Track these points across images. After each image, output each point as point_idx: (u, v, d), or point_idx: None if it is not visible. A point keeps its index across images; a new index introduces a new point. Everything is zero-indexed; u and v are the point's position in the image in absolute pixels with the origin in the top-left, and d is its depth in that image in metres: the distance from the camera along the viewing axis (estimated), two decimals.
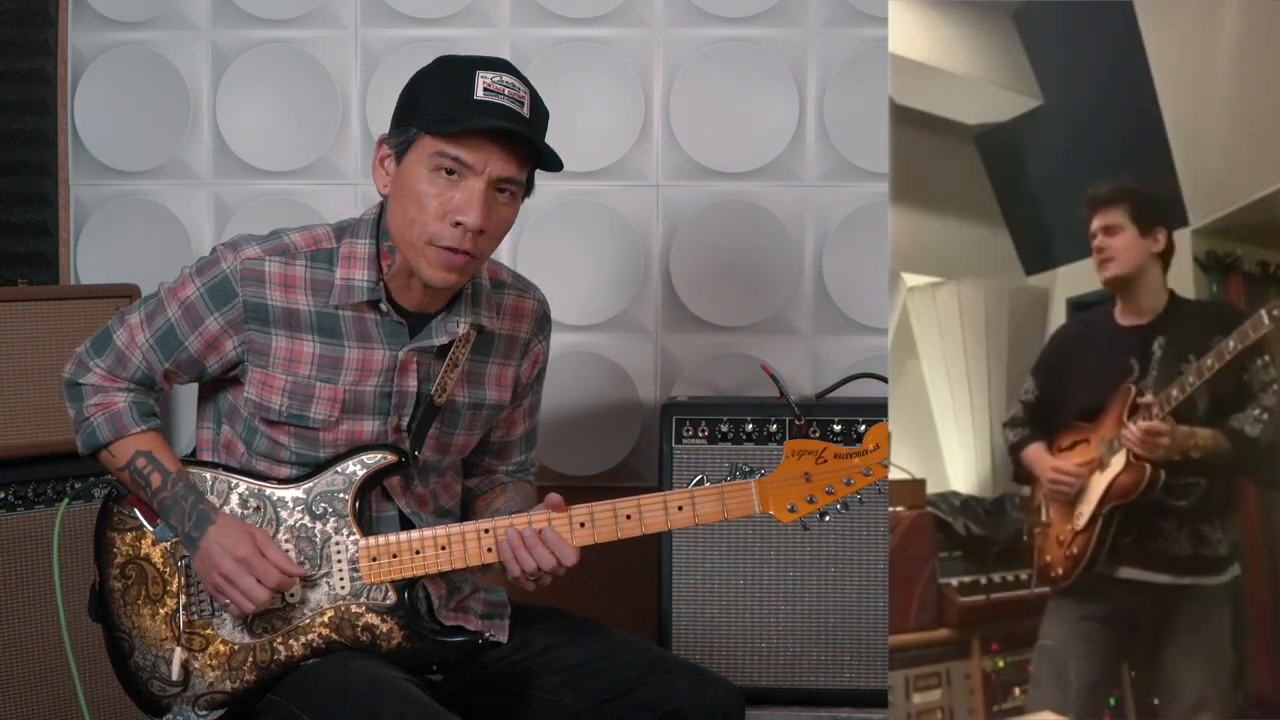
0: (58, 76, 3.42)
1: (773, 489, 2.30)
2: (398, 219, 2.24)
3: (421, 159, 2.20)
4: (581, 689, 2.35)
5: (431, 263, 2.22)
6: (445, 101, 2.19)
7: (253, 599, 2.23)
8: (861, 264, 3.33)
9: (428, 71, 2.26)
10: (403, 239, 2.24)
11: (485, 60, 2.23)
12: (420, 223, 2.21)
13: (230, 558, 2.23)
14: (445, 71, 2.23)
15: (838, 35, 3.32)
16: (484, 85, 2.19)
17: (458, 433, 2.39)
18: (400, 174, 2.23)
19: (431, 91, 2.22)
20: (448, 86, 2.20)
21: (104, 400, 2.32)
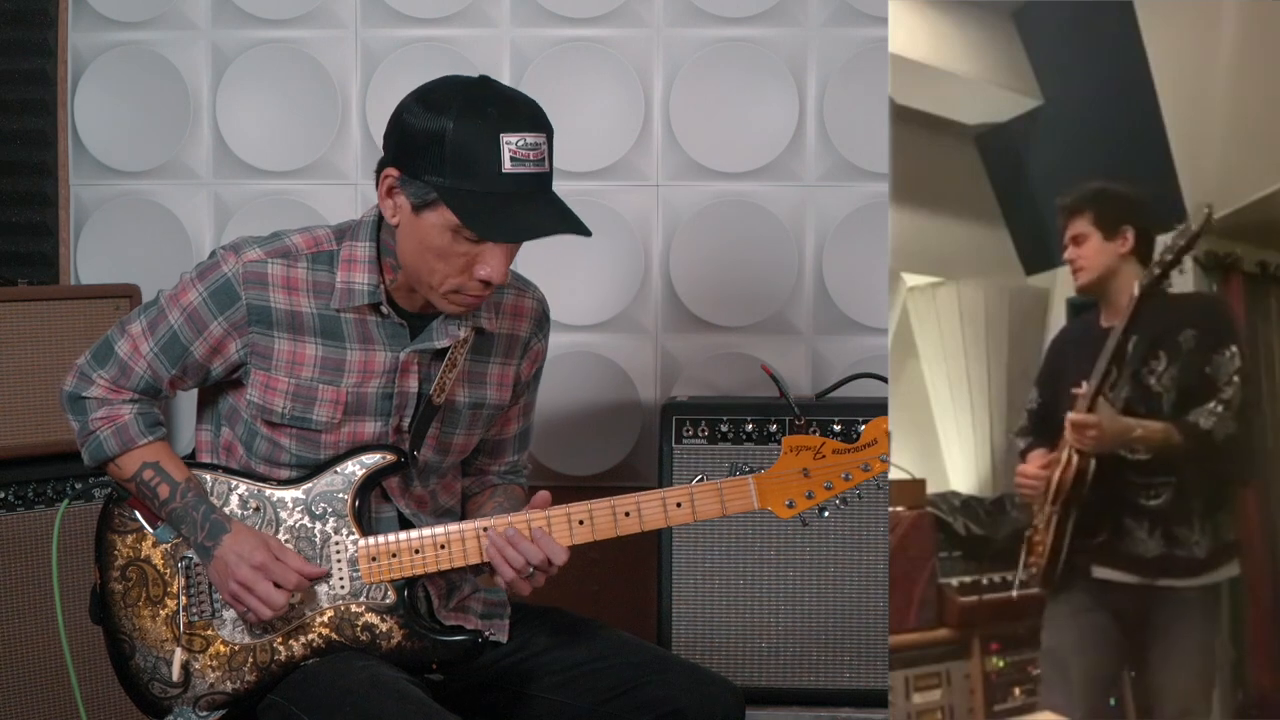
0: (58, 76, 3.42)
1: (771, 485, 2.30)
2: (413, 259, 2.20)
3: (444, 223, 2.15)
4: (581, 689, 2.35)
5: (451, 303, 2.22)
6: (473, 175, 2.11)
7: (271, 605, 2.23)
8: (861, 264, 3.33)
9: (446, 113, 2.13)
10: (418, 278, 2.22)
11: (506, 111, 2.14)
12: (442, 274, 2.18)
13: (247, 565, 2.23)
14: (469, 131, 2.12)
15: (838, 35, 3.32)
16: (510, 154, 2.12)
17: (458, 433, 2.39)
18: (418, 223, 2.17)
19: (452, 151, 2.12)
20: (473, 154, 2.11)
21: (110, 413, 2.31)
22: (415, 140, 2.15)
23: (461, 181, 2.12)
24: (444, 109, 2.13)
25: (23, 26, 3.40)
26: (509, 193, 2.13)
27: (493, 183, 2.12)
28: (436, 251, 2.17)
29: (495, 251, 2.17)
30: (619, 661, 2.36)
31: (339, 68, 3.39)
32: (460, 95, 2.15)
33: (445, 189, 2.13)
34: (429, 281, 2.21)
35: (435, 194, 2.14)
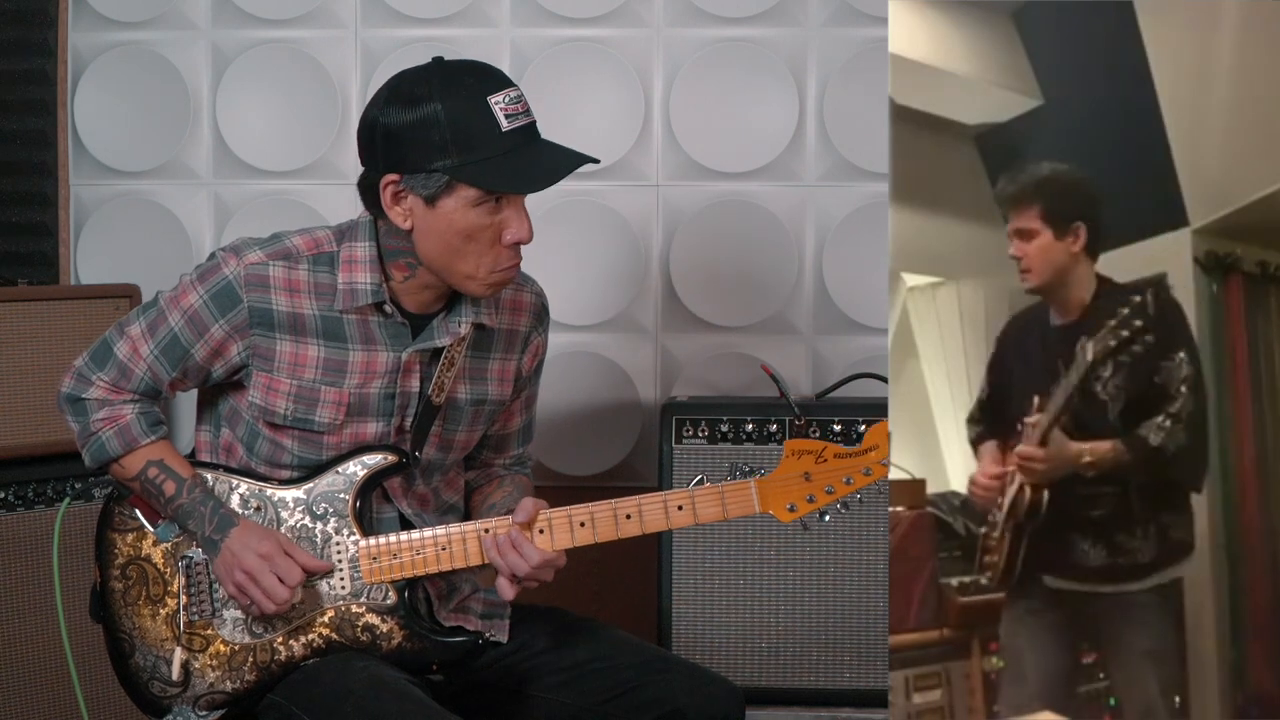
0: (58, 76, 3.42)
1: (772, 489, 2.30)
2: (442, 252, 2.21)
3: (464, 202, 2.17)
4: (581, 689, 2.35)
5: (491, 285, 2.24)
6: (477, 145, 2.14)
7: (275, 598, 2.23)
8: (861, 264, 3.33)
9: (428, 100, 2.15)
10: (452, 270, 2.22)
11: (480, 77, 2.19)
12: (476, 254, 2.20)
13: (254, 554, 2.23)
14: (457, 105, 2.14)
15: (838, 35, 3.32)
16: (503, 111, 2.16)
17: (460, 430, 2.39)
18: (436, 214, 2.18)
19: (450, 131, 2.14)
20: (470, 125, 2.14)
21: (111, 414, 2.31)
22: (405, 137, 2.16)
23: (469, 154, 2.14)
24: (423, 97, 2.15)
25: (23, 26, 3.40)
26: (514, 147, 2.16)
27: (498, 144, 2.15)
28: (464, 233, 2.18)
29: (518, 214, 2.20)
30: (619, 661, 2.36)
31: (339, 68, 3.39)
32: (433, 79, 2.18)
33: (456, 168, 2.14)
34: (464, 270, 2.21)
35: (446, 177, 2.15)
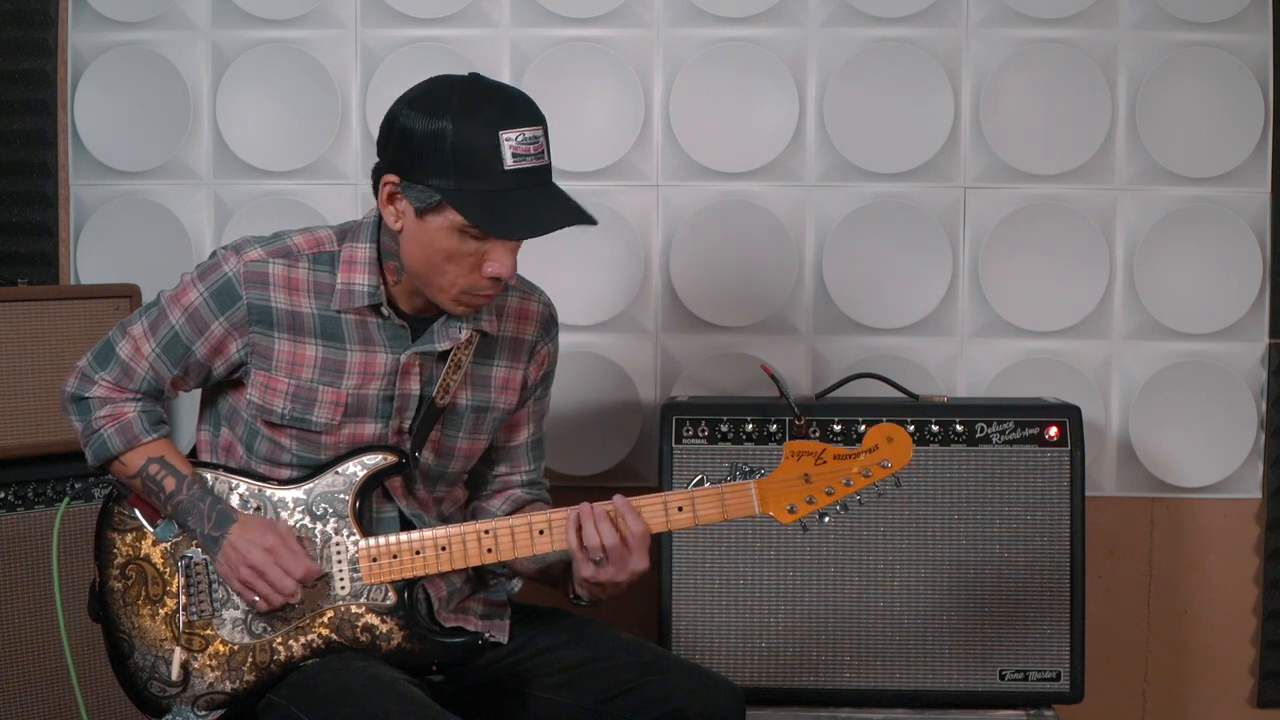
0: (58, 76, 3.42)
1: (772, 490, 2.30)
2: (421, 263, 2.21)
3: (450, 225, 2.16)
4: (581, 689, 2.35)
5: (461, 304, 2.23)
6: (476, 175, 2.12)
7: (281, 590, 2.23)
8: (861, 264, 3.33)
9: (443, 115, 2.13)
10: (426, 282, 2.22)
11: (503, 107, 2.15)
12: (452, 275, 2.19)
13: (258, 548, 2.23)
14: (467, 130, 2.12)
15: (838, 35, 3.32)
16: (511, 151, 2.12)
17: (460, 437, 2.38)
18: (423, 227, 2.18)
19: (453, 153, 2.12)
20: (474, 154, 2.12)
21: (113, 411, 2.32)
22: (414, 144, 2.15)
23: (465, 182, 2.12)
24: (440, 111, 2.13)
25: (23, 26, 3.40)
26: (513, 188, 2.13)
27: (497, 181, 2.12)
28: (445, 253, 2.17)
29: (503, 248, 2.18)
30: (619, 661, 2.36)
31: (339, 68, 3.39)
32: (455, 95, 2.15)
33: (450, 191, 2.13)
34: (438, 284, 2.21)
35: (439, 197, 2.14)
